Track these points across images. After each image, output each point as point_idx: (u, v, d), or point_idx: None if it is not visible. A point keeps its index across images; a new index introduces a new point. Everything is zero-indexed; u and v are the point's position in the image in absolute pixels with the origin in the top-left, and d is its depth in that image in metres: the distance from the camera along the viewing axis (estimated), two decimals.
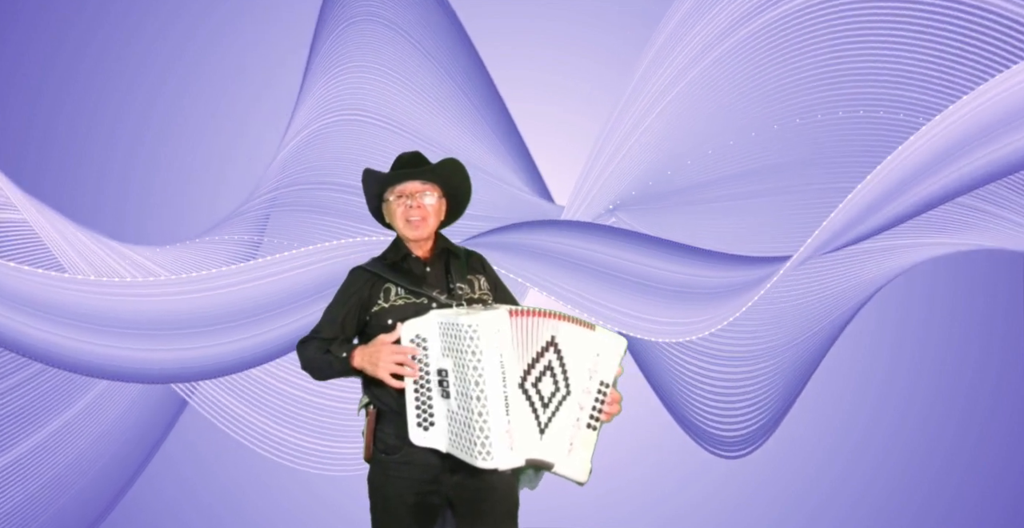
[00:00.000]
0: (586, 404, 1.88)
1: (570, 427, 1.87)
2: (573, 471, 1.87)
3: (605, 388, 1.90)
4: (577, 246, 3.15)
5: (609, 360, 1.90)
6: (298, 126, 3.44)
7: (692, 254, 3.24)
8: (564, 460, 1.86)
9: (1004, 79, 2.54)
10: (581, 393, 1.88)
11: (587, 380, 1.88)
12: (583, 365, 1.88)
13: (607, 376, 1.90)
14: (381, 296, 2.12)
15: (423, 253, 2.19)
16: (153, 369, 3.00)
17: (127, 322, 2.88)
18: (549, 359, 1.86)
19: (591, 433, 1.89)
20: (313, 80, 3.46)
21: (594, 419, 1.89)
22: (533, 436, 1.83)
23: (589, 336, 1.89)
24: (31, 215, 2.89)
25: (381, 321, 2.09)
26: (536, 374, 1.84)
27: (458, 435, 1.88)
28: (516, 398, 1.82)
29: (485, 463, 1.79)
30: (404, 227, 2.15)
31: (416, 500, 2.05)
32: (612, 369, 1.90)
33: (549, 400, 1.85)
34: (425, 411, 1.97)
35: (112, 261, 3.09)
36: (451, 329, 1.88)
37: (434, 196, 2.16)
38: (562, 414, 1.86)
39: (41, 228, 2.92)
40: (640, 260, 3.17)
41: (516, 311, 1.86)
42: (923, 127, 2.62)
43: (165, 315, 2.94)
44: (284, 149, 3.44)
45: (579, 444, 1.87)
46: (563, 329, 1.87)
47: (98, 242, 3.11)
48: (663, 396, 3.61)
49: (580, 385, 1.88)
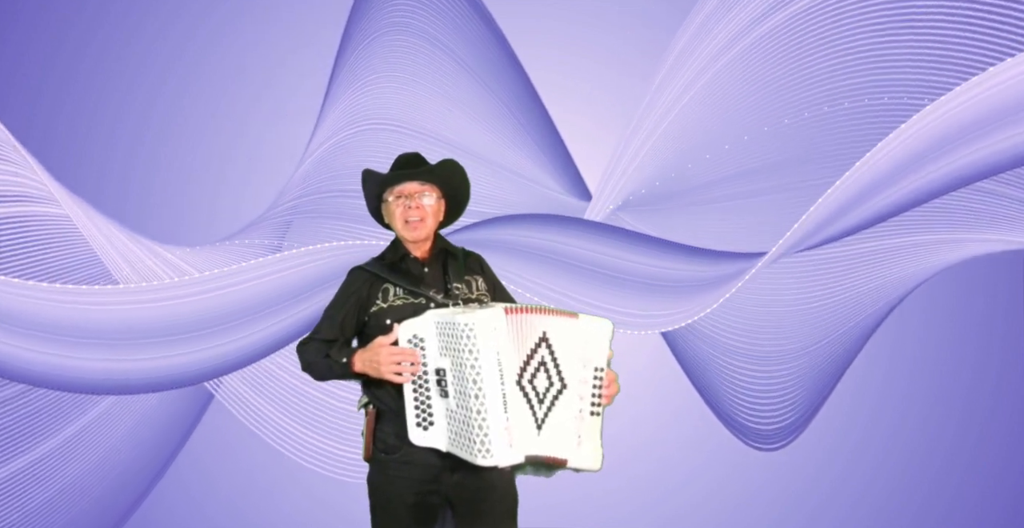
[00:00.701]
0: (585, 394, 1.88)
1: (573, 420, 1.87)
2: (587, 462, 1.88)
3: (600, 373, 1.90)
4: (545, 239, 3.17)
5: (598, 345, 1.90)
6: (322, 137, 3.45)
7: (665, 248, 3.27)
8: (575, 454, 1.87)
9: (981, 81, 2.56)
10: (578, 384, 1.88)
11: (581, 370, 1.88)
12: (575, 356, 1.88)
13: (600, 361, 1.90)
14: (380, 296, 2.12)
15: (421, 253, 2.19)
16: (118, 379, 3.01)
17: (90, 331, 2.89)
18: (542, 355, 1.86)
19: (596, 420, 1.90)
20: (339, 91, 3.46)
21: (596, 406, 1.89)
22: (531, 433, 1.84)
23: (575, 326, 1.89)
24: (73, 211, 2.93)
25: (380, 321, 2.09)
26: (531, 371, 1.85)
27: (457, 434, 1.88)
28: (514, 395, 1.82)
29: (485, 461, 1.80)
30: (403, 228, 2.16)
31: (416, 500, 2.05)
32: (603, 353, 1.91)
33: (544, 396, 1.86)
34: (424, 411, 1.97)
35: (149, 261, 3.13)
36: (448, 328, 1.88)
37: (433, 197, 2.17)
38: (559, 409, 1.86)
39: (83, 225, 2.95)
40: (611, 253, 3.19)
41: (511, 309, 1.86)
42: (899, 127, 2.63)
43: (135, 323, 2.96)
44: (308, 158, 3.45)
45: (586, 434, 1.88)
46: (552, 323, 1.88)
47: (136, 241, 3.15)
48: (702, 392, 3.64)
49: (575, 376, 1.88)
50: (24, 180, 2.85)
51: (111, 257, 3.02)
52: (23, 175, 2.84)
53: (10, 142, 2.78)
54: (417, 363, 1.96)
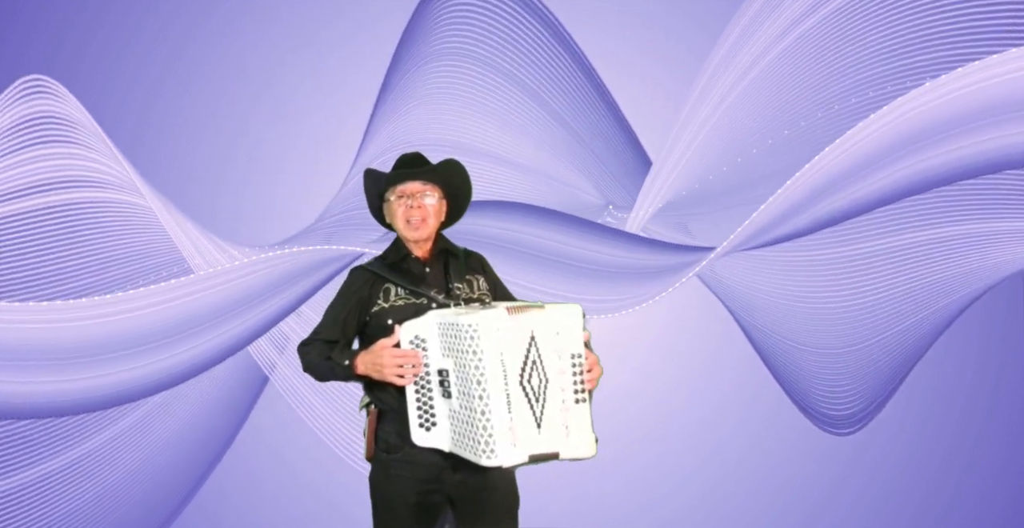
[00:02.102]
0: (566, 384, 1.87)
1: (559, 412, 1.86)
2: (579, 451, 1.87)
3: (579, 359, 1.89)
4: (499, 228, 3.20)
5: (571, 333, 1.89)
6: (367, 158, 3.49)
7: (618, 237, 3.31)
8: (565, 445, 1.86)
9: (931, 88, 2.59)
10: (557, 375, 1.87)
11: (557, 360, 1.87)
12: (551, 348, 1.87)
13: (575, 347, 1.89)
14: (381, 296, 2.12)
15: (423, 253, 2.19)
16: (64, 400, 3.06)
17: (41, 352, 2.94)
18: (533, 353, 1.86)
19: (582, 407, 1.88)
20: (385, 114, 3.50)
21: (579, 392, 1.88)
22: (533, 431, 1.84)
23: (547, 317, 1.87)
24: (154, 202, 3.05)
25: (381, 321, 2.09)
26: (528, 369, 1.85)
27: (461, 434, 1.88)
28: (516, 395, 1.82)
29: (490, 461, 1.80)
30: (404, 227, 2.16)
31: (417, 499, 2.05)
32: (577, 339, 1.89)
33: (539, 393, 1.85)
34: (427, 411, 1.97)
35: (218, 254, 3.22)
36: (450, 329, 1.88)
37: (434, 197, 2.17)
38: (550, 403, 1.86)
39: (162, 216, 3.08)
40: (558, 239, 3.24)
41: (512, 308, 1.86)
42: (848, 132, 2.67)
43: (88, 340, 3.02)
44: (352, 180, 3.50)
45: (574, 424, 1.87)
46: (535, 319, 1.86)
47: (206, 235, 3.25)
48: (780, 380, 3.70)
49: (554, 368, 1.87)
50: (109, 169, 3.02)
51: (186, 246, 3.16)
52: (108, 165, 3.01)
53: (98, 134, 2.94)
54: (419, 366, 1.96)
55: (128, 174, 3.00)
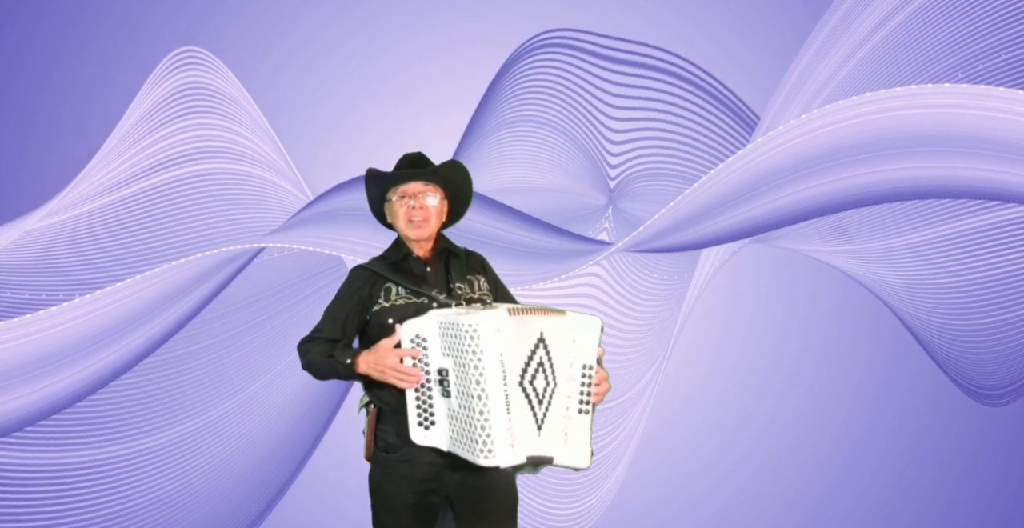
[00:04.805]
0: (572, 392, 1.88)
1: (561, 418, 1.87)
2: (573, 460, 1.87)
3: (589, 371, 1.89)
4: None
5: (587, 343, 1.89)
6: None
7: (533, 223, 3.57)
8: (562, 451, 1.86)
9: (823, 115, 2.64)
10: (566, 382, 1.88)
11: (569, 367, 1.88)
12: (564, 354, 1.88)
13: (588, 359, 1.90)
14: (382, 295, 2.12)
15: (424, 253, 2.20)
16: None
17: None
18: (540, 355, 1.86)
19: (584, 418, 1.89)
20: None
21: (584, 403, 1.89)
22: (532, 433, 1.84)
23: (565, 323, 1.88)
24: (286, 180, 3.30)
25: (381, 320, 2.09)
26: (531, 371, 1.85)
27: (459, 434, 1.88)
28: (516, 396, 1.82)
29: (487, 461, 1.80)
30: (406, 227, 2.16)
31: (416, 499, 2.05)
32: (592, 351, 1.90)
33: (543, 396, 1.86)
34: (426, 410, 1.97)
35: None
36: (451, 329, 1.89)
37: (436, 197, 2.17)
38: (554, 407, 1.87)
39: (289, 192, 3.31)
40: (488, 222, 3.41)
41: (514, 310, 1.86)
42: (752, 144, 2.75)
43: None
44: None
45: (573, 432, 1.87)
46: (547, 323, 1.87)
47: None
48: (934, 357, 3.86)
49: (564, 374, 1.88)
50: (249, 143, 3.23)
51: None
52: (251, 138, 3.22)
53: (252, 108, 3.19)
54: (418, 372, 1.96)
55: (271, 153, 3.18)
